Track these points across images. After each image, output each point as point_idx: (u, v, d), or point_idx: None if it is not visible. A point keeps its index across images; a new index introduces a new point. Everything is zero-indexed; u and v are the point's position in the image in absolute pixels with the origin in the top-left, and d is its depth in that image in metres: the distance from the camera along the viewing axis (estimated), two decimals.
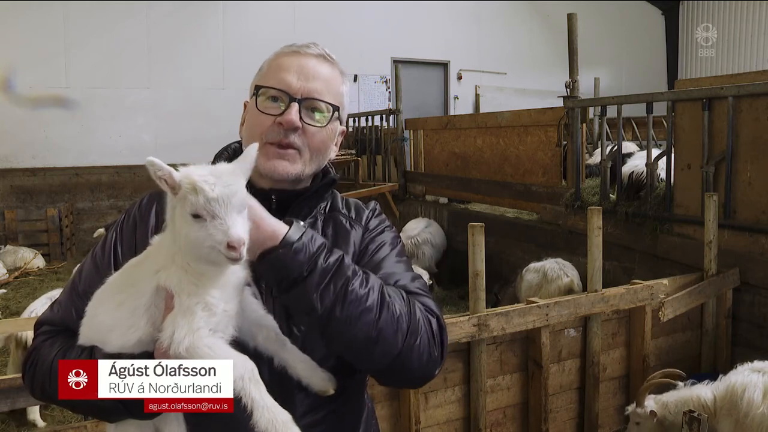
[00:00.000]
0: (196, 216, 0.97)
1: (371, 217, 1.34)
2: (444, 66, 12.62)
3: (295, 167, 1.22)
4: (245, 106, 1.31)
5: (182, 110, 10.13)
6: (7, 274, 7.50)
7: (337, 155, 1.40)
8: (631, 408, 3.28)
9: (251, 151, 1.07)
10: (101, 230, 8.07)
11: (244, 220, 1.00)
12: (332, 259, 1.07)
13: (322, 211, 1.31)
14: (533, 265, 5.26)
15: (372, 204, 1.39)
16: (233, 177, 1.01)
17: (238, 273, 1.05)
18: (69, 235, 9.31)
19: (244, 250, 0.97)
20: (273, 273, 1.05)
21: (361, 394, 1.35)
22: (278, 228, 1.06)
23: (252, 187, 1.18)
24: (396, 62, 11.34)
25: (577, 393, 3.67)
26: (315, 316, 1.06)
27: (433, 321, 1.19)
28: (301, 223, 1.10)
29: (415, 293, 1.22)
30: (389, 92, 11.77)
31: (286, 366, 1.10)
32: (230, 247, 0.96)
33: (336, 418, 1.22)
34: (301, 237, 1.05)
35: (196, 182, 0.97)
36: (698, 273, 4.06)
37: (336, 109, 1.25)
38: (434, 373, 1.19)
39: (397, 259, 1.29)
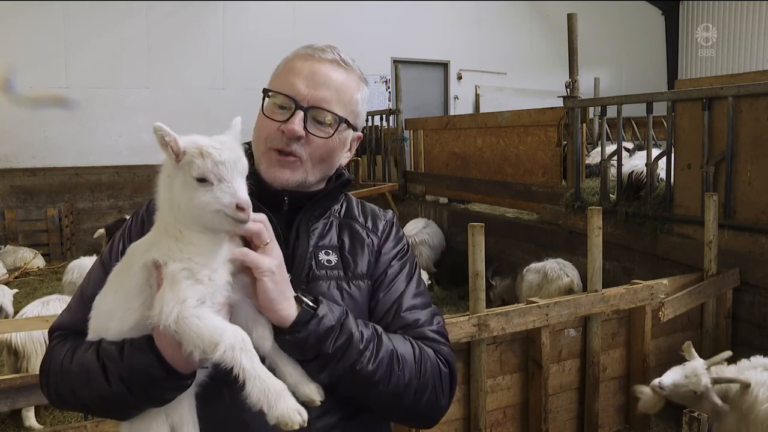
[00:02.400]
0: (202, 180, 0.98)
1: (388, 231, 1.33)
2: (444, 66, 12.62)
3: (296, 175, 1.20)
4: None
5: (182, 110, 10.12)
6: (7, 274, 7.50)
7: None
8: (697, 365, 2.94)
9: (236, 124, 1.08)
10: (101, 231, 8.07)
11: (245, 186, 1.01)
12: (340, 342, 1.07)
13: (337, 215, 1.30)
14: (534, 265, 5.27)
15: (389, 215, 1.37)
16: (235, 144, 1.03)
17: (226, 243, 1.04)
18: (69, 235, 9.31)
19: (251, 213, 0.99)
20: (284, 350, 1.07)
21: None
22: (287, 315, 1.05)
23: (264, 188, 1.18)
24: (396, 62, 11.35)
25: (577, 393, 3.67)
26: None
27: (444, 371, 1.20)
28: (310, 304, 1.08)
29: (431, 339, 1.23)
30: (389, 92, 11.77)
31: (275, 368, 1.08)
32: (239, 208, 0.97)
33: (349, 424, 1.20)
34: (308, 324, 1.05)
35: (203, 146, 0.99)
36: (698, 273, 4.06)
37: (343, 120, 1.22)
38: (440, 418, 1.23)
39: (415, 291, 1.28)
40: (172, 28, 10.26)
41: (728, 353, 3.04)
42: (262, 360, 1.06)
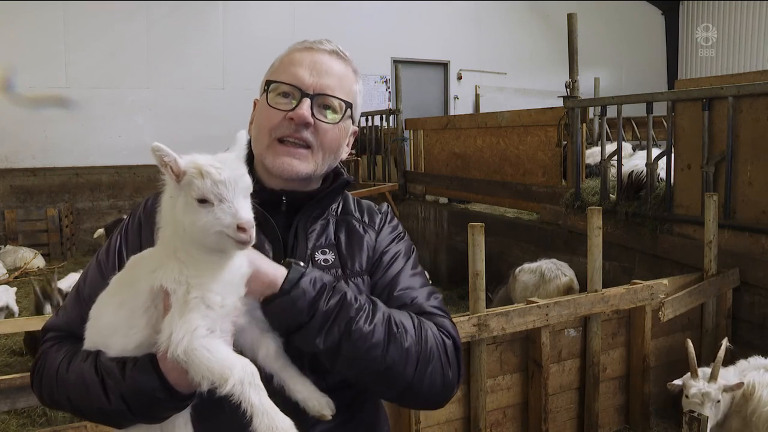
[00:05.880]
0: (203, 201, 0.95)
1: (384, 222, 1.33)
2: (444, 66, 12.62)
3: (307, 166, 1.19)
4: (255, 104, 1.27)
5: (182, 110, 10.12)
6: (7, 274, 7.50)
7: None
8: (695, 387, 2.85)
9: (241, 138, 1.07)
10: (101, 231, 8.07)
11: (249, 204, 0.99)
12: (334, 301, 1.06)
13: (334, 213, 1.29)
14: (527, 265, 5.19)
15: (384, 207, 1.37)
16: (238, 162, 1.01)
17: (237, 268, 1.02)
18: (69, 235, 9.31)
19: (253, 233, 0.96)
20: (276, 319, 1.05)
21: (376, 408, 1.32)
22: (276, 276, 1.04)
23: (262, 187, 1.17)
24: (396, 62, 11.34)
25: (577, 393, 3.67)
26: (321, 354, 1.07)
27: (448, 343, 1.18)
28: (301, 264, 1.07)
29: (430, 313, 1.21)
30: (389, 92, 11.77)
31: (284, 386, 1.07)
32: (240, 228, 0.94)
33: (346, 428, 1.19)
34: (298, 283, 1.04)
35: (203, 166, 0.96)
36: (698, 273, 4.06)
37: (349, 106, 1.23)
38: (450, 395, 1.19)
39: (412, 272, 1.27)
40: (172, 28, 10.25)
41: (723, 348, 3.02)
42: (270, 379, 1.05)
